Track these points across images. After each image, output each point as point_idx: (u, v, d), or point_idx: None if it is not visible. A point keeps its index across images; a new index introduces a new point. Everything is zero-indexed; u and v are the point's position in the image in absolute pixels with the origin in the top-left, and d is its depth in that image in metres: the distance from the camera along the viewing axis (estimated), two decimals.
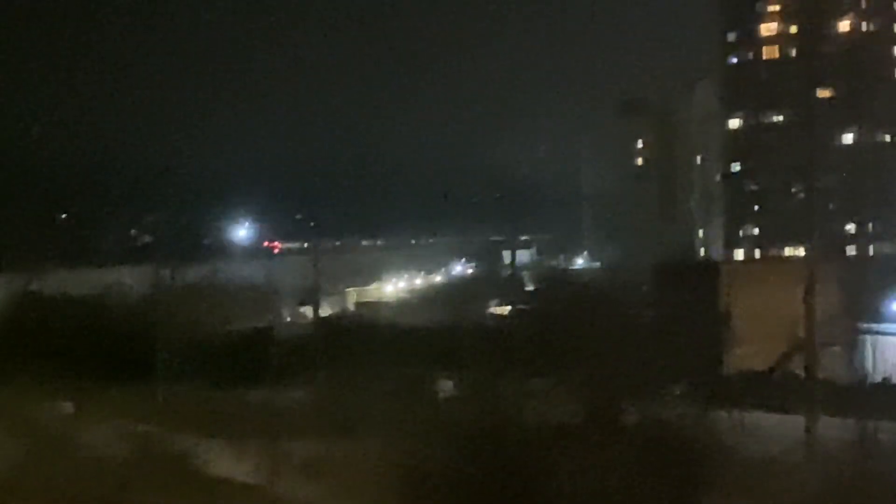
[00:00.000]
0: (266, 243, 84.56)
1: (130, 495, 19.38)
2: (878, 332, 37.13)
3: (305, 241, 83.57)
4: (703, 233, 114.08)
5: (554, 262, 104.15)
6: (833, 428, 22.50)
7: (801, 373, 31.99)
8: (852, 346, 33.64)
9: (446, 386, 26.68)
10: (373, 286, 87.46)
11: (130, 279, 39.95)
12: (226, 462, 21.85)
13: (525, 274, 69.01)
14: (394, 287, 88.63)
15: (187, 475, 20.61)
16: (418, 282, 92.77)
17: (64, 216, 75.99)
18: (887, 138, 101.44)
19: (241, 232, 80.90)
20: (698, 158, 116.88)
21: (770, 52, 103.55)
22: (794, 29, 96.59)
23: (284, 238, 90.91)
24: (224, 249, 75.39)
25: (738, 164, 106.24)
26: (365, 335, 34.29)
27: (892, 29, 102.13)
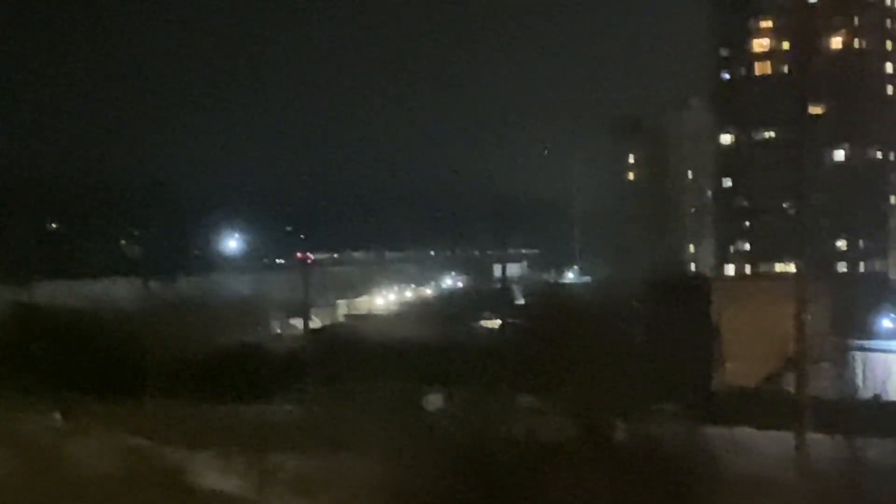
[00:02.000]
0: (299, 255, 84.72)
1: None
2: (868, 349, 37.10)
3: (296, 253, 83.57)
4: (694, 248, 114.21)
5: (545, 276, 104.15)
6: (823, 445, 22.47)
7: (790, 389, 31.93)
8: (842, 362, 33.61)
9: (435, 401, 26.59)
10: (363, 298, 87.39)
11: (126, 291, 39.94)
12: (217, 476, 21.79)
13: (515, 288, 68.97)
14: (384, 300, 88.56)
15: (178, 489, 20.55)
16: (408, 294, 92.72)
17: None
18: (878, 155, 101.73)
19: (233, 244, 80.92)
20: (689, 174, 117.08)
21: (762, 69, 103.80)
22: (785, 45, 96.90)
23: (276, 250, 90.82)
24: (219, 263, 75.43)
25: (730, 180, 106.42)
26: (354, 348, 34.20)
27: (883, 47, 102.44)
